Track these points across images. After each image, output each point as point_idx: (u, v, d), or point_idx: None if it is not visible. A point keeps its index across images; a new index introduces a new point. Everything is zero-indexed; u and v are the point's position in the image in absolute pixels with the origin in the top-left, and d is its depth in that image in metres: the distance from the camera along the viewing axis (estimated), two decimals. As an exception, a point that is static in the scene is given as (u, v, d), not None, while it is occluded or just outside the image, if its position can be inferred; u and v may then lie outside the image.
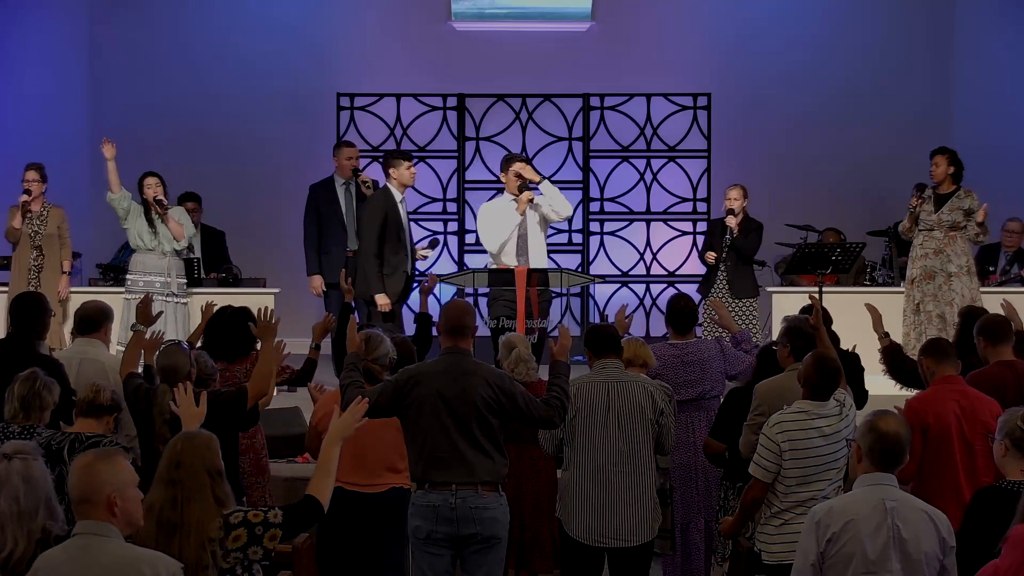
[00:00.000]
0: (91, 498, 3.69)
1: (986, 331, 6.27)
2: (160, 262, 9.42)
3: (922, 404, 5.70)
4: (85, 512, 3.70)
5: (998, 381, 6.01)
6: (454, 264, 12.35)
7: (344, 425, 4.50)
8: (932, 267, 9.17)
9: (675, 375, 6.76)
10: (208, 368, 6.07)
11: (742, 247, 9.65)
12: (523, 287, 8.48)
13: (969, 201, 9.18)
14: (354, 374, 5.44)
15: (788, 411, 5.31)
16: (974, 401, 5.71)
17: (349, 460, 6.01)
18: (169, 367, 5.79)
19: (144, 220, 9.42)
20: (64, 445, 5.13)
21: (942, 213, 9.17)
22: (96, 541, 3.67)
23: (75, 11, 12.91)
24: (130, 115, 12.65)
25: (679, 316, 6.92)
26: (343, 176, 9.78)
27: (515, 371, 6.34)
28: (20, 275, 9.40)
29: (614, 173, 12.61)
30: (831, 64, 12.88)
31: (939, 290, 9.12)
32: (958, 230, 9.19)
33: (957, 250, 9.18)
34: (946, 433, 5.62)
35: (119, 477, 3.74)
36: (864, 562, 4.27)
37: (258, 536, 4.20)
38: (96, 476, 3.70)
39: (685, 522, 6.81)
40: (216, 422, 5.59)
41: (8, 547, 3.85)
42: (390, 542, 5.99)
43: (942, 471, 5.61)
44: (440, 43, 12.96)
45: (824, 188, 12.58)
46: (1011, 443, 4.65)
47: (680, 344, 6.88)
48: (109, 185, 9.43)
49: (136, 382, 5.91)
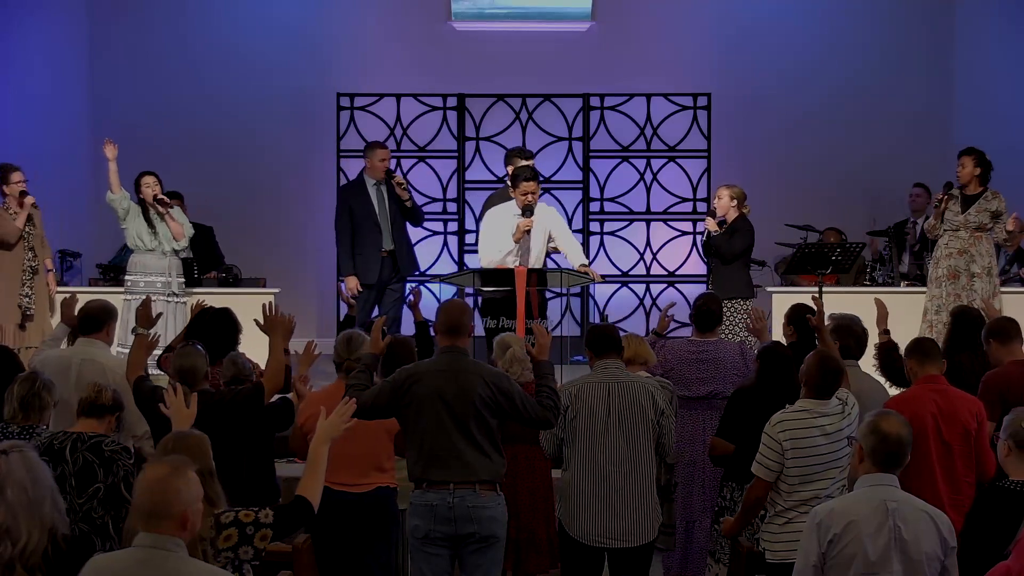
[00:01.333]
0: (165, 512, 3.60)
1: (995, 333, 6.29)
2: (161, 262, 9.42)
3: (899, 404, 5.67)
4: (154, 526, 3.60)
5: (1014, 380, 6.01)
6: (454, 264, 12.35)
7: (332, 426, 4.50)
8: (956, 266, 9.23)
9: (687, 371, 6.81)
10: (245, 370, 6.14)
11: (723, 247, 9.50)
12: (523, 287, 8.48)
13: (997, 203, 9.24)
14: (363, 376, 5.44)
15: (790, 410, 5.32)
16: (953, 401, 5.71)
17: (336, 459, 5.99)
18: (188, 368, 5.83)
19: (143, 220, 9.42)
20: (66, 445, 5.13)
21: (969, 214, 9.22)
22: (163, 556, 3.58)
23: (75, 11, 12.91)
24: (130, 115, 12.65)
25: (700, 315, 7.04)
26: (374, 177, 9.76)
27: (510, 371, 6.34)
28: (14, 276, 9.33)
29: (614, 173, 12.61)
30: (831, 64, 12.88)
31: (963, 290, 9.17)
32: (984, 231, 9.24)
33: (982, 251, 9.24)
34: (922, 434, 5.58)
35: (192, 492, 3.66)
36: (865, 563, 4.27)
37: (249, 536, 4.22)
38: (173, 491, 3.62)
39: (690, 520, 6.83)
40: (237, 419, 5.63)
41: (23, 538, 3.85)
42: (377, 541, 6.00)
43: (919, 472, 5.58)
44: (440, 43, 12.96)
45: (824, 188, 12.58)
46: (1015, 444, 4.65)
47: (699, 341, 6.97)
48: (110, 185, 9.43)
49: (148, 385, 5.94)
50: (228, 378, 6.12)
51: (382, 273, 9.67)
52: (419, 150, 12.49)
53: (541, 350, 5.52)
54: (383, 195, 9.74)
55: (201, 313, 7.01)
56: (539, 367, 5.51)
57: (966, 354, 6.49)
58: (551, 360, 5.54)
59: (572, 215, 12.48)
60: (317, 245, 12.65)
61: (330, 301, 12.44)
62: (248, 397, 5.85)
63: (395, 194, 9.71)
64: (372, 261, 9.64)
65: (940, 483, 5.59)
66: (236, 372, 6.14)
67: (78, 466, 5.04)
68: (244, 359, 6.23)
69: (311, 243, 12.76)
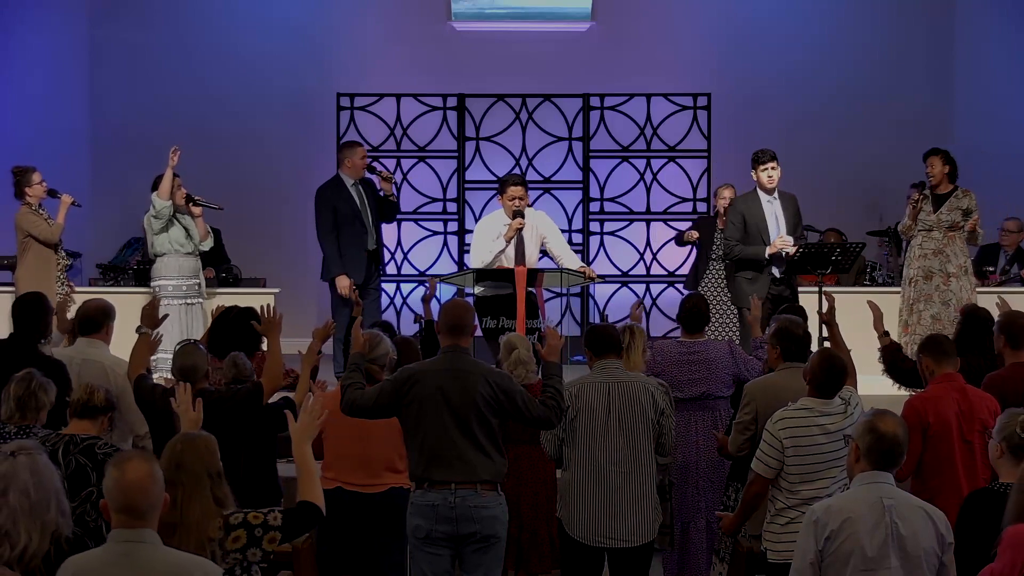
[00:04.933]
0: (136, 507, 3.63)
1: (1009, 332, 6.17)
2: (196, 264, 9.44)
3: (923, 403, 5.69)
4: (126, 520, 3.64)
5: (1015, 383, 5.98)
6: (454, 264, 12.35)
7: (304, 427, 4.46)
8: (931, 267, 9.16)
9: (678, 372, 6.78)
10: (247, 370, 6.13)
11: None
12: (523, 287, 8.48)
13: (967, 201, 9.17)
14: (355, 375, 5.44)
15: (792, 408, 5.31)
16: (972, 399, 5.70)
17: (349, 460, 6.03)
18: (188, 367, 5.84)
19: (178, 223, 9.40)
20: (59, 447, 5.11)
21: (941, 213, 9.16)
22: (138, 548, 3.62)
23: (75, 11, 12.91)
24: (130, 115, 12.66)
25: (688, 316, 6.97)
26: (353, 176, 9.67)
27: (514, 373, 6.33)
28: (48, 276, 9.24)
29: (614, 173, 12.61)
30: (831, 64, 12.89)
31: (936, 290, 9.11)
32: (957, 230, 9.18)
33: (956, 250, 9.16)
34: (946, 432, 5.61)
35: (160, 484, 3.70)
36: (863, 560, 4.27)
37: (257, 538, 4.21)
38: (143, 486, 3.65)
39: (685, 521, 6.82)
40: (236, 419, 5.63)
41: (22, 542, 3.84)
42: (390, 542, 6.00)
43: (942, 470, 5.60)
44: (440, 43, 12.96)
45: (824, 188, 12.57)
46: (1007, 447, 4.63)
47: (688, 343, 6.92)
48: (159, 191, 9.33)
49: (149, 383, 5.93)
50: (229, 378, 6.12)
51: (368, 272, 9.63)
52: (419, 150, 12.49)
53: (552, 351, 5.52)
54: (362, 193, 9.71)
55: (224, 312, 7.00)
56: (547, 367, 5.50)
57: (973, 355, 6.45)
58: (560, 362, 5.54)
59: (572, 215, 12.49)
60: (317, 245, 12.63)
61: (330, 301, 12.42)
62: (247, 396, 5.86)
63: (372, 192, 9.66)
64: (359, 260, 9.59)
65: (963, 481, 5.56)
66: (237, 373, 6.12)
67: (71, 469, 5.01)
68: (245, 359, 6.22)
69: (311, 243, 12.66)
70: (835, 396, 5.32)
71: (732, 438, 5.85)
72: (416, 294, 11.52)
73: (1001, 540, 4.08)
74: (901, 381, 6.79)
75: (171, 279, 9.36)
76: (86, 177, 12.53)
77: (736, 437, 5.82)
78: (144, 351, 6.24)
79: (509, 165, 12.39)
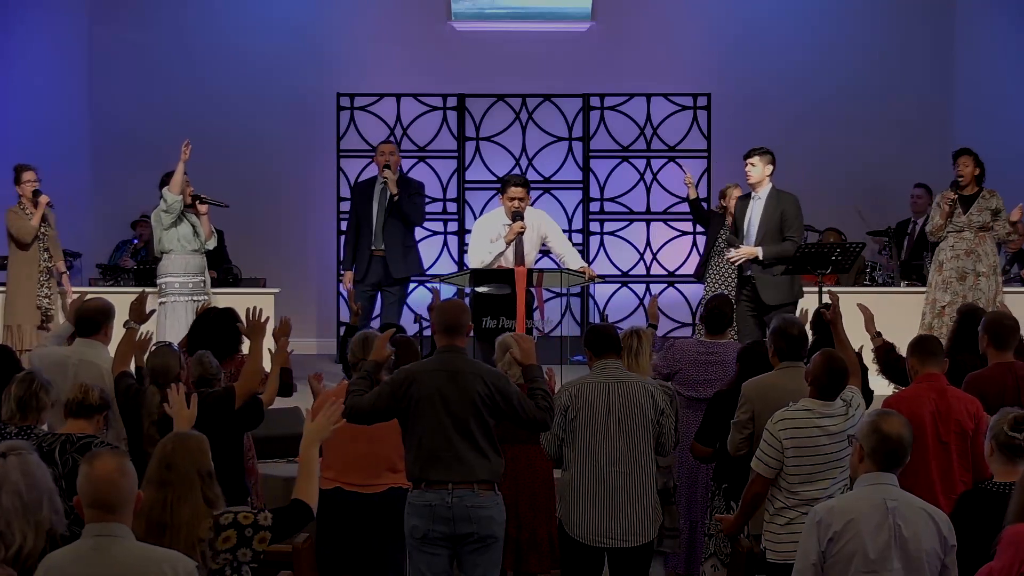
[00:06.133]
0: (109, 502, 3.66)
1: (992, 332, 6.20)
2: (202, 262, 9.45)
3: (898, 403, 5.65)
4: (99, 516, 3.67)
5: (998, 384, 5.99)
6: (454, 264, 12.36)
7: (320, 427, 4.47)
8: (964, 267, 9.29)
9: (696, 372, 6.83)
10: (212, 369, 6.06)
11: None
12: (522, 288, 8.48)
13: (995, 201, 9.33)
14: (363, 382, 5.41)
15: (793, 408, 5.31)
16: (951, 400, 5.68)
17: (349, 460, 6.03)
18: (160, 368, 5.78)
19: (186, 221, 9.40)
20: (55, 447, 5.12)
21: (971, 214, 9.28)
22: (109, 542, 3.65)
23: (75, 11, 12.92)
24: (130, 115, 12.67)
25: (711, 317, 7.06)
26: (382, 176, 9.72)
27: (509, 372, 6.33)
28: (32, 277, 9.31)
29: (614, 173, 12.62)
30: (831, 64, 12.89)
31: (969, 290, 9.21)
32: (987, 230, 9.30)
33: (987, 250, 9.35)
34: (920, 432, 5.56)
35: (132, 480, 3.73)
36: (865, 561, 4.26)
37: (248, 538, 4.21)
38: (115, 482, 3.67)
39: (693, 520, 6.83)
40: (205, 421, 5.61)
41: (17, 541, 3.85)
42: (389, 542, 6.00)
43: (915, 470, 5.55)
44: (440, 43, 12.96)
45: (824, 188, 12.57)
46: (997, 445, 4.65)
47: (709, 343, 6.98)
48: (171, 185, 9.34)
49: (127, 382, 5.91)
50: (195, 378, 6.00)
51: (373, 274, 9.62)
52: (419, 150, 12.49)
53: (525, 355, 5.51)
54: (384, 195, 9.70)
55: (204, 313, 7.00)
56: (528, 371, 5.49)
57: (968, 354, 6.45)
58: (539, 363, 5.52)
59: (572, 215, 12.49)
60: (317, 245, 12.67)
61: (330, 301, 12.45)
62: (217, 401, 5.78)
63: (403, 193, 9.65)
64: (363, 260, 9.64)
65: (936, 482, 5.57)
66: (203, 371, 6.00)
67: (67, 468, 5.02)
68: (212, 358, 6.14)
69: (311, 243, 12.78)
70: (836, 398, 5.32)
71: (730, 437, 5.85)
72: (416, 294, 11.51)
73: (1001, 539, 4.08)
74: (896, 380, 6.79)
75: (178, 276, 9.36)
76: (86, 177, 12.54)
77: (734, 436, 5.82)
78: (129, 347, 6.20)
79: (509, 165, 12.39)
